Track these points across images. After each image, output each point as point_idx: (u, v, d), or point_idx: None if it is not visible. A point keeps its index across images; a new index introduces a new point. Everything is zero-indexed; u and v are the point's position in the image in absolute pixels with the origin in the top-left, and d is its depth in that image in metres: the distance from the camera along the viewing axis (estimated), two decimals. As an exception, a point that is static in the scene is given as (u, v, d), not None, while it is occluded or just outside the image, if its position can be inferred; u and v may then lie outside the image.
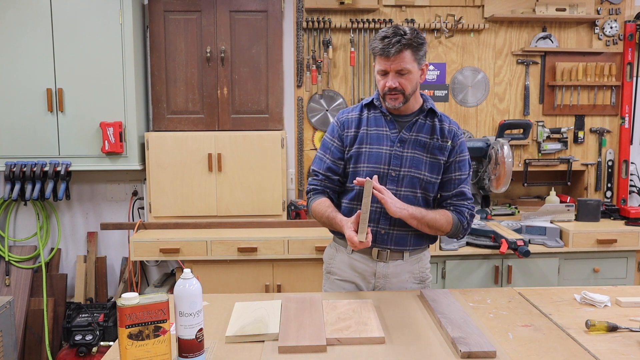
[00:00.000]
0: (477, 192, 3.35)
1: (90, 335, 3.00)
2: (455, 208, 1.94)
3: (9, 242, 3.46)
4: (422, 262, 2.01)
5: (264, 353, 1.43)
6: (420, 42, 1.79)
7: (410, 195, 1.89)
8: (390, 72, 1.80)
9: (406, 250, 1.94)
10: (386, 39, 1.76)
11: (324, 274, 2.08)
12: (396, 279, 1.96)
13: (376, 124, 1.91)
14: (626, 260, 3.10)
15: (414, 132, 1.89)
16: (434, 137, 1.90)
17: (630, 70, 3.52)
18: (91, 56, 3.11)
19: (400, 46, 1.75)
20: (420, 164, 1.88)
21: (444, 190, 1.95)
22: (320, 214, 1.91)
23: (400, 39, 1.75)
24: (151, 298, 1.31)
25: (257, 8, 3.24)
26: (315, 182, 1.98)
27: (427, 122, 1.91)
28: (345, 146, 1.93)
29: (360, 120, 1.93)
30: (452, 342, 1.46)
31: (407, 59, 1.77)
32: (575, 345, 1.47)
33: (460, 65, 3.53)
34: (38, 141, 3.15)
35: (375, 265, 1.95)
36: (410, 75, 1.80)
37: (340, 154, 1.94)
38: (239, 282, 3.03)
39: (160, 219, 3.24)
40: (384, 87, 1.82)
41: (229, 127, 3.30)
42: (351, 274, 1.98)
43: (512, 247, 2.80)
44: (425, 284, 2.02)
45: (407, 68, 1.78)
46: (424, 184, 1.89)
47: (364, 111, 1.95)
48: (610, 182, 3.62)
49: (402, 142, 1.88)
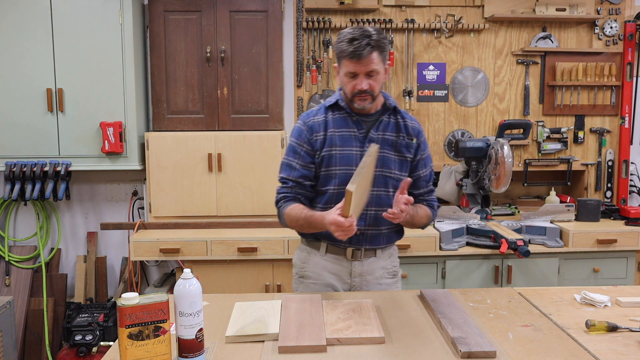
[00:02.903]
0: (477, 192, 3.35)
1: (90, 335, 3.00)
2: (427, 203, 2.01)
3: (9, 242, 3.47)
4: (392, 257, 2.05)
5: (264, 353, 1.43)
6: (385, 43, 1.81)
7: (383, 195, 1.90)
8: (359, 75, 1.79)
9: (379, 248, 1.97)
10: (355, 41, 1.74)
11: (295, 277, 2.05)
12: (371, 276, 1.98)
13: (343, 125, 1.90)
14: (626, 260, 3.10)
15: (381, 132, 1.90)
16: (400, 135, 1.92)
17: (630, 70, 3.52)
18: (91, 56, 3.11)
19: (370, 48, 1.74)
20: (390, 162, 1.90)
21: (416, 188, 1.98)
22: (296, 217, 1.84)
23: (369, 40, 1.74)
24: (151, 298, 1.31)
25: (257, 8, 3.24)
26: (285, 189, 1.91)
27: (392, 120, 1.93)
28: (315, 150, 1.90)
29: (326, 123, 1.91)
30: (452, 342, 1.46)
31: (376, 61, 1.77)
32: (575, 345, 1.47)
33: (460, 65, 3.53)
34: (38, 141, 3.15)
35: (350, 264, 1.95)
36: (378, 76, 1.81)
37: (310, 158, 1.90)
38: (239, 282, 3.03)
39: (160, 219, 3.24)
40: (353, 89, 1.81)
41: (229, 127, 3.30)
42: (327, 276, 1.97)
43: (512, 247, 2.80)
44: (397, 278, 2.06)
45: (376, 69, 1.78)
46: (395, 183, 1.90)
47: (328, 113, 1.93)
48: (610, 182, 3.62)
49: (371, 142, 1.88)
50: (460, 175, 3.41)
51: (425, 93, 3.53)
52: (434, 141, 3.56)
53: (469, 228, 3.12)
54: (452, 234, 3.05)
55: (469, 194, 3.38)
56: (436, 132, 3.56)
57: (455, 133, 3.56)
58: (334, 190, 1.89)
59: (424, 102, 3.53)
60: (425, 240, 2.96)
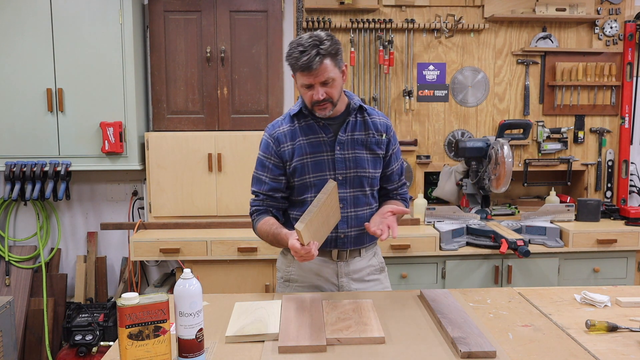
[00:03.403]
0: (477, 192, 3.35)
1: (90, 335, 3.00)
2: (401, 197, 2.04)
3: (9, 242, 3.47)
4: (377, 255, 2.06)
5: (264, 353, 1.43)
6: (337, 47, 1.76)
7: (360, 195, 1.91)
8: (315, 85, 1.76)
9: (363, 247, 1.98)
10: (304, 53, 1.70)
11: (279, 282, 2.04)
12: (357, 275, 1.98)
13: (310, 132, 1.88)
14: (626, 260, 3.10)
15: (349, 132, 1.89)
16: (369, 133, 1.91)
17: (630, 70, 3.52)
18: (91, 56, 3.11)
19: (320, 57, 1.70)
20: (363, 162, 1.90)
21: (389, 182, 2.00)
22: (266, 232, 1.85)
23: (318, 50, 1.69)
24: (151, 298, 1.31)
25: (257, 8, 3.24)
26: (256, 202, 1.93)
27: (358, 119, 1.91)
28: (285, 161, 1.88)
29: (293, 132, 1.89)
30: (452, 342, 1.46)
31: (329, 68, 1.73)
32: (575, 345, 1.47)
33: (460, 65, 3.53)
34: (38, 141, 3.15)
35: (336, 265, 1.95)
36: (335, 83, 1.77)
37: (279, 170, 1.89)
38: (239, 282, 3.03)
39: (160, 219, 3.24)
40: (311, 100, 1.78)
41: (229, 127, 3.30)
42: (313, 278, 1.96)
43: (512, 247, 2.80)
44: (385, 272, 2.06)
45: (331, 77, 1.74)
46: (371, 181, 1.92)
47: (294, 122, 1.90)
48: (610, 182, 3.62)
49: (341, 145, 1.87)
50: (460, 175, 3.41)
51: (425, 93, 3.53)
52: (434, 141, 3.56)
53: (469, 228, 3.12)
54: (452, 234, 3.05)
55: (469, 194, 3.38)
56: (436, 132, 3.56)
57: (455, 133, 3.56)
58: (312, 198, 1.84)
59: (424, 102, 3.53)
60: (425, 240, 2.96)
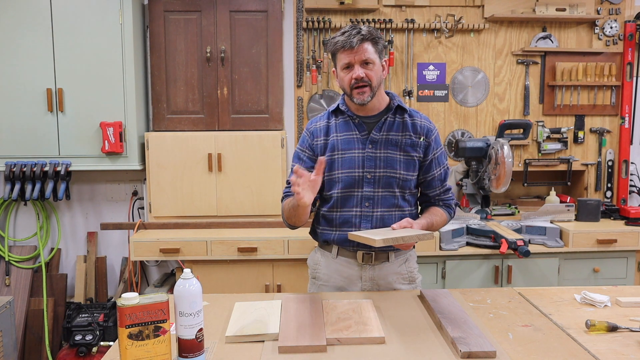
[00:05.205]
0: (477, 192, 3.35)
1: (90, 335, 3.00)
2: (443, 203, 1.99)
3: (9, 242, 3.46)
4: (409, 262, 2.00)
5: (264, 353, 1.43)
6: (378, 36, 1.84)
7: (388, 196, 1.89)
8: (355, 64, 1.81)
9: (391, 251, 1.94)
10: (346, 33, 1.81)
11: (310, 279, 2.07)
12: (383, 281, 1.95)
13: (345, 129, 1.91)
14: (626, 260, 3.10)
15: (384, 132, 1.89)
16: (405, 134, 1.90)
17: (630, 70, 3.52)
18: (91, 56, 3.11)
19: (361, 37, 1.79)
20: (395, 163, 1.88)
21: (430, 188, 1.97)
22: (288, 208, 1.91)
23: (359, 30, 1.80)
24: (151, 298, 1.31)
25: (257, 8, 3.24)
26: (287, 189, 1.99)
27: (397, 119, 1.91)
28: (316, 155, 1.93)
29: (328, 128, 1.94)
30: (452, 342, 1.46)
31: (369, 50, 1.81)
32: (575, 345, 1.47)
33: (460, 65, 3.53)
34: (38, 141, 3.15)
35: (361, 268, 1.94)
36: (374, 67, 1.82)
37: (312, 162, 1.92)
38: (239, 282, 3.03)
39: (160, 219, 3.24)
40: (350, 81, 1.82)
41: (229, 127, 3.30)
42: (338, 279, 1.97)
43: (512, 247, 2.80)
44: (416, 284, 2.00)
45: (371, 58, 1.81)
46: (401, 183, 1.89)
47: (331, 118, 1.95)
48: (610, 182, 3.62)
49: (374, 143, 1.88)
50: (460, 175, 3.41)
51: (425, 93, 3.53)
52: (434, 141, 3.56)
53: (469, 228, 3.12)
54: (452, 234, 3.05)
55: (469, 194, 3.38)
56: (436, 132, 3.56)
57: (455, 133, 3.56)
58: (339, 194, 1.89)
59: (424, 102, 3.53)
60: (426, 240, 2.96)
